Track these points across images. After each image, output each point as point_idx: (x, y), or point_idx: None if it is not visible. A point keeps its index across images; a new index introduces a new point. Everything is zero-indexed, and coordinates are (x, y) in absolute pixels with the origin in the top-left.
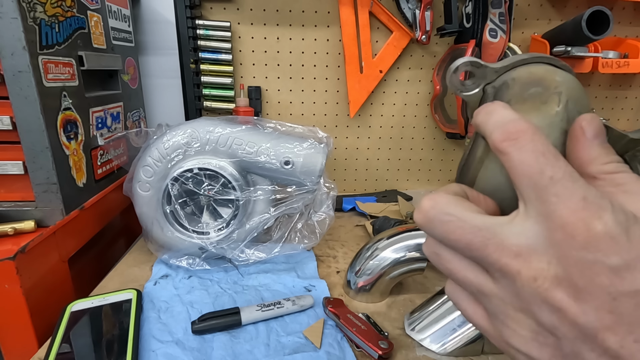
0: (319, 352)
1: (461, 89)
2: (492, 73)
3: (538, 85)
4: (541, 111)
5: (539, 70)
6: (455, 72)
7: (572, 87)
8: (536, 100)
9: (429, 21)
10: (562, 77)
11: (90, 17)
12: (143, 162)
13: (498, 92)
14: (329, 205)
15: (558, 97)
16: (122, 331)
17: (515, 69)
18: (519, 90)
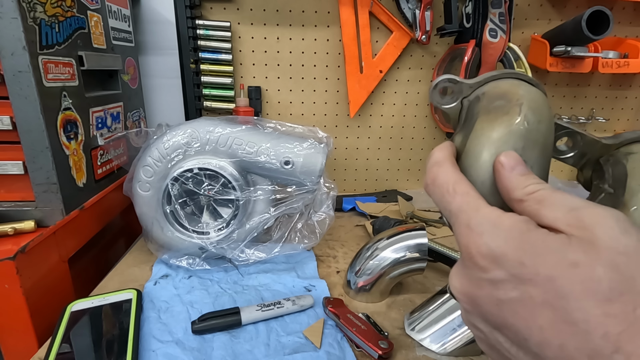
0: (319, 352)
1: (441, 103)
2: (467, 88)
3: (502, 99)
4: (503, 121)
5: (505, 85)
6: (435, 88)
7: (533, 99)
8: (499, 111)
9: (429, 21)
10: (525, 90)
11: (90, 17)
12: (143, 162)
13: (471, 104)
14: (329, 205)
15: (519, 108)
16: (122, 331)
17: (487, 84)
18: (486, 103)
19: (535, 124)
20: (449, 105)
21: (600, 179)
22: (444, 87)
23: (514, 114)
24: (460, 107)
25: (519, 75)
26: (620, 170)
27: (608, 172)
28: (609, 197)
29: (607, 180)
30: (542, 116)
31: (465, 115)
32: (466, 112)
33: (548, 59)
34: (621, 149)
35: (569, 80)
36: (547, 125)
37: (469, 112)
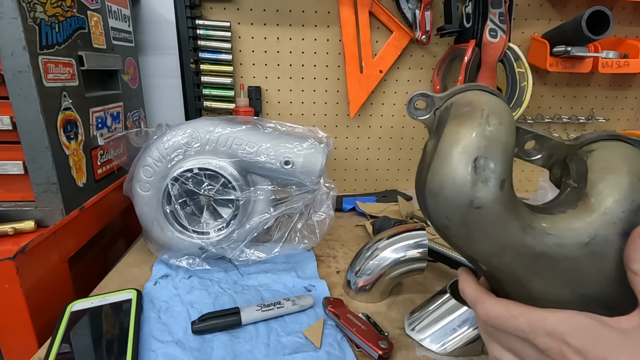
0: (319, 352)
1: (417, 115)
2: (439, 101)
3: (468, 106)
4: (468, 124)
5: (470, 95)
6: (410, 102)
7: (494, 105)
8: (465, 116)
9: (429, 21)
10: (487, 98)
11: (90, 17)
12: (143, 162)
13: (442, 114)
14: (329, 205)
15: (481, 113)
16: (122, 331)
17: (455, 96)
18: (454, 111)
19: (496, 126)
20: (424, 117)
21: (567, 176)
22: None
23: (477, 117)
24: (433, 117)
25: (482, 87)
26: (582, 167)
27: (572, 169)
28: (574, 191)
29: (572, 176)
30: (502, 119)
31: (436, 123)
32: (437, 121)
33: (548, 59)
34: (583, 148)
35: (569, 80)
36: (507, 127)
37: (440, 120)
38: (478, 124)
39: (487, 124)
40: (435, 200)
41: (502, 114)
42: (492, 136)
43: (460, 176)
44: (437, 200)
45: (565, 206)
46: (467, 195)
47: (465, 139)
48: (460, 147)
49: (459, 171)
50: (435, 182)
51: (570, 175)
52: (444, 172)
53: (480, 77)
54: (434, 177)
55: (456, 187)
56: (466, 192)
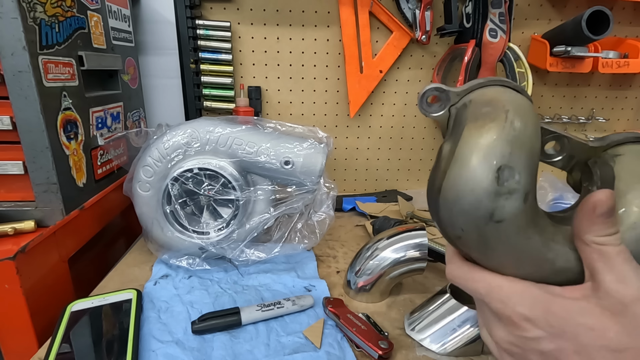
0: (319, 352)
1: (430, 111)
2: (455, 96)
3: (489, 105)
4: (490, 127)
5: (491, 92)
6: (423, 97)
7: (519, 105)
8: (486, 118)
9: (429, 21)
10: (511, 97)
11: (90, 17)
12: (143, 162)
13: (459, 112)
14: (329, 205)
15: (505, 115)
16: (122, 331)
17: (473, 92)
18: (473, 110)
19: (521, 129)
20: (437, 113)
21: (589, 181)
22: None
23: (501, 120)
24: (448, 114)
25: (504, 83)
26: (608, 173)
27: (596, 175)
28: None
29: (596, 182)
30: (528, 121)
31: (453, 123)
32: (454, 120)
33: (548, 59)
34: (608, 151)
35: (569, 80)
36: (533, 129)
37: (456, 119)
38: (502, 127)
39: (511, 127)
40: (450, 210)
41: (527, 115)
42: (517, 141)
43: (481, 187)
44: (452, 211)
45: None
46: (487, 208)
47: (487, 144)
48: (482, 154)
49: (480, 181)
50: (451, 192)
51: (594, 181)
52: (462, 181)
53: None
54: (450, 186)
55: (475, 199)
56: (486, 205)
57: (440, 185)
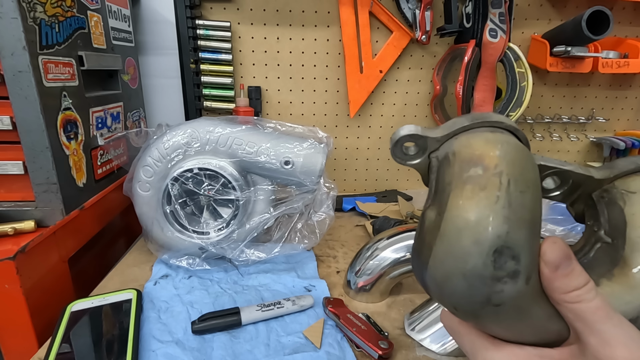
0: (319, 352)
1: (405, 159)
2: (434, 142)
3: (477, 165)
4: (480, 199)
5: (478, 143)
6: (396, 145)
7: (513, 162)
8: (475, 184)
9: (429, 21)
10: (503, 149)
11: (90, 17)
12: (143, 162)
13: (441, 167)
14: (329, 205)
15: (498, 180)
16: (122, 331)
17: (456, 138)
18: (458, 170)
19: (519, 197)
20: (414, 161)
21: (594, 221)
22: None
23: (494, 188)
24: (427, 162)
25: (494, 123)
26: (617, 215)
27: (603, 215)
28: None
29: (603, 225)
30: (526, 183)
31: (435, 180)
32: (436, 176)
33: (548, 59)
34: (616, 184)
35: (569, 80)
36: (533, 193)
37: (439, 177)
38: (495, 199)
39: (507, 197)
40: (439, 290)
41: (526, 174)
42: (515, 215)
43: (474, 272)
44: (442, 292)
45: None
46: (482, 294)
47: (479, 222)
48: (473, 235)
49: (473, 266)
50: (439, 272)
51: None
52: (451, 263)
53: (480, 77)
54: (437, 265)
55: (468, 284)
56: (481, 290)
57: (427, 262)
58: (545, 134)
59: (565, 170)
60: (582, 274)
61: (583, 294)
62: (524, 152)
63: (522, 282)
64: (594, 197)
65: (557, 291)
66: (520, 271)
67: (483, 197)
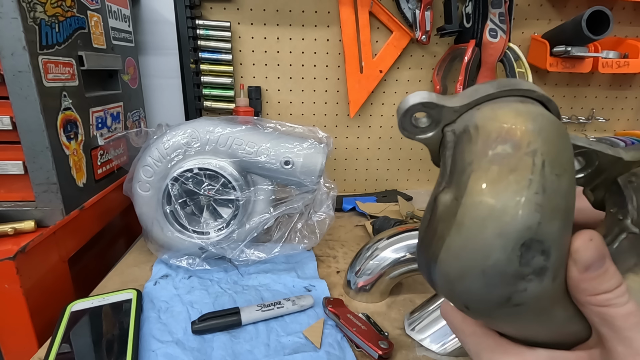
0: (319, 352)
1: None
2: (451, 113)
3: (505, 142)
4: (509, 183)
5: (506, 115)
6: (405, 115)
7: (549, 140)
8: (503, 165)
9: (429, 21)
10: (536, 123)
11: (90, 17)
12: (143, 162)
13: (459, 141)
14: (329, 205)
15: (532, 160)
16: (122, 331)
17: (479, 109)
18: (482, 148)
19: (555, 182)
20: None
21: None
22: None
23: (526, 170)
24: (440, 136)
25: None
26: None
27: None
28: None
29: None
30: (563, 166)
31: (452, 160)
32: (453, 156)
33: (548, 59)
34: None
35: (569, 80)
36: (569, 178)
37: (457, 156)
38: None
39: (542, 181)
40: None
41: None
42: (550, 203)
43: (497, 269)
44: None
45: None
46: (502, 293)
47: (507, 211)
48: (498, 226)
49: (495, 262)
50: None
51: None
52: (468, 258)
53: (480, 77)
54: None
55: (487, 283)
56: (502, 290)
57: (437, 255)
58: None
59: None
60: (615, 276)
61: (614, 297)
62: (560, 127)
63: (549, 281)
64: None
65: (584, 293)
66: (548, 268)
67: (512, 181)
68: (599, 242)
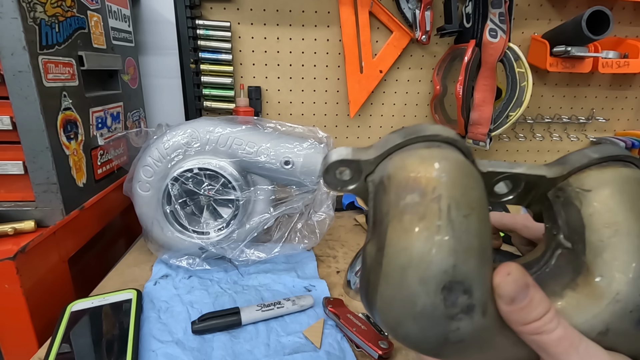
0: (319, 352)
1: (340, 185)
2: (368, 165)
3: (413, 191)
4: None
5: (413, 164)
6: (327, 171)
7: (454, 182)
8: (414, 214)
9: (429, 21)
10: (441, 168)
11: (90, 17)
12: (143, 162)
13: (377, 192)
14: (329, 205)
15: (437, 205)
16: (122, 331)
17: (391, 158)
18: (395, 198)
19: (463, 223)
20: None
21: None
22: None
23: (433, 218)
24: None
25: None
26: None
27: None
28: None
29: (562, 228)
30: (470, 204)
31: (373, 211)
32: (373, 207)
33: (548, 59)
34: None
35: (569, 80)
36: (479, 215)
37: (376, 206)
38: (437, 229)
39: (449, 225)
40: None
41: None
42: (461, 244)
43: (425, 314)
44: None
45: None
46: (439, 334)
47: (422, 259)
48: (417, 274)
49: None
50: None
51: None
52: (399, 307)
53: (480, 77)
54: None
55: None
56: (437, 331)
57: (375, 303)
58: (545, 134)
59: (515, 174)
60: (541, 303)
61: (543, 325)
62: (464, 167)
63: (479, 317)
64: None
65: (516, 323)
66: (474, 305)
67: (423, 228)
68: (517, 275)
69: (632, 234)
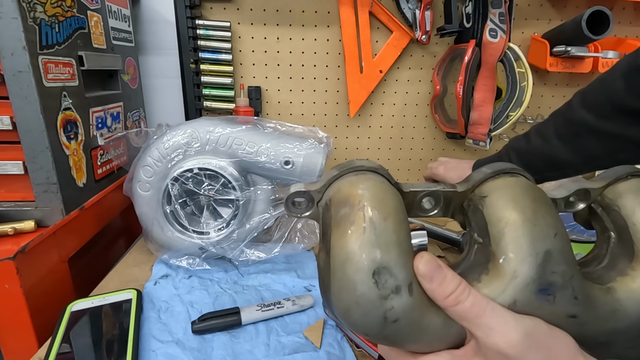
0: (319, 352)
1: (298, 212)
2: (317, 194)
3: (345, 205)
4: (352, 232)
5: (345, 187)
6: (287, 202)
7: (374, 195)
8: (347, 222)
9: (429, 21)
10: (364, 187)
11: (90, 17)
12: (143, 162)
13: (324, 212)
14: None
15: (363, 213)
16: (122, 331)
17: (331, 187)
18: (334, 213)
19: (382, 224)
20: (307, 213)
21: (469, 226)
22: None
23: (360, 222)
24: (317, 211)
25: (357, 168)
26: (480, 218)
27: (473, 220)
28: (481, 248)
29: (474, 228)
30: (387, 210)
31: (322, 227)
32: (322, 223)
33: (548, 59)
34: (475, 192)
35: (569, 80)
36: (394, 218)
37: (324, 222)
38: (362, 230)
39: (371, 227)
40: (347, 323)
41: (384, 203)
42: (381, 240)
43: (365, 297)
44: (349, 323)
45: (478, 271)
46: (379, 315)
47: (354, 253)
48: (354, 265)
49: (362, 292)
50: (340, 306)
51: (473, 227)
52: (346, 296)
53: (480, 77)
54: (337, 301)
55: (364, 310)
56: (377, 312)
57: (331, 300)
58: None
59: (433, 191)
60: (454, 279)
61: (458, 295)
62: (382, 185)
63: (407, 295)
64: (465, 207)
65: (439, 299)
66: (401, 285)
67: (354, 231)
68: (429, 257)
69: (514, 223)
